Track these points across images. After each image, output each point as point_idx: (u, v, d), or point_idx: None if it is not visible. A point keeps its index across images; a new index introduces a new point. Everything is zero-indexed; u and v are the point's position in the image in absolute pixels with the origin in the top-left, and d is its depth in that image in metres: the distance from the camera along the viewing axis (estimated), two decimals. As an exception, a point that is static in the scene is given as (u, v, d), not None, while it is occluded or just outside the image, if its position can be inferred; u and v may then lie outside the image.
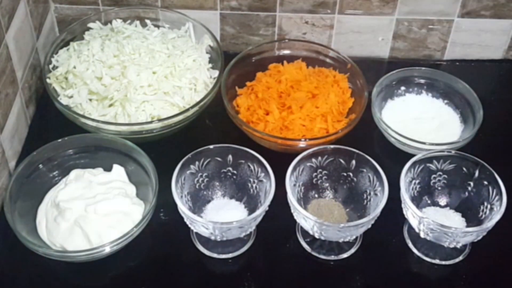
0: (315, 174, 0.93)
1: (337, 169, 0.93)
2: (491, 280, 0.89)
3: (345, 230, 0.84)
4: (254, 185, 0.91)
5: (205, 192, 0.93)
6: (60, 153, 0.95)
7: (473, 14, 1.14)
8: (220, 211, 0.91)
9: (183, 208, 0.84)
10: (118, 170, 0.94)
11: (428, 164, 0.92)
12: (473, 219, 0.90)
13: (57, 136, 0.95)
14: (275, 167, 0.88)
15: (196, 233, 0.90)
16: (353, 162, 0.91)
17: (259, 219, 0.86)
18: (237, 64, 1.07)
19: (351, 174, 0.92)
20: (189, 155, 0.90)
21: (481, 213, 0.89)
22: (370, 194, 0.90)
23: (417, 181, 0.92)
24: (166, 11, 1.13)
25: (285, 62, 1.11)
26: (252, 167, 0.90)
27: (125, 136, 0.95)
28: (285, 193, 0.86)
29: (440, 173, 0.92)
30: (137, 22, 1.11)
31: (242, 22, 1.17)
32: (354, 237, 0.87)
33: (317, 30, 1.17)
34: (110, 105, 0.99)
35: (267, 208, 0.85)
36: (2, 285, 0.87)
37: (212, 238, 0.85)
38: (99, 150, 0.96)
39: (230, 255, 0.90)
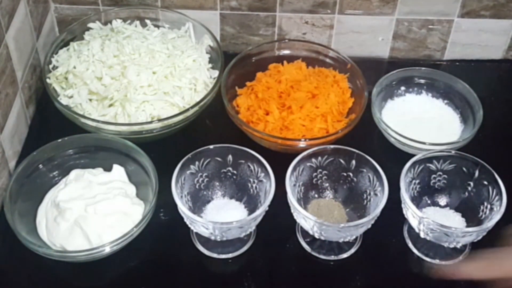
0: (315, 174, 0.93)
1: (337, 169, 0.93)
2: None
3: (345, 230, 0.84)
4: (254, 185, 0.91)
5: (205, 192, 0.93)
6: (60, 153, 0.95)
7: (473, 14, 1.14)
8: (220, 211, 0.91)
9: (183, 208, 0.84)
10: (118, 170, 0.94)
11: (428, 164, 0.91)
12: (473, 219, 0.90)
13: (57, 136, 0.95)
14: (275, 167, 0.88)
15: (196, 233, 0.90)
16: (353, 162, 0.91)
17: (259, 219, 0.86)
18: (237, 64, 1.07)
19: (351, 174, 0.92)
20: (189, 155, 0.90)
21: (481, 213, 0.89)
22: (370, 194, 0.90)
23: (417, 181, 0.92)
24: (166, 11, 1.13)
25: (285, 62, 1.11)
26: (252, 167, 0.90)
27: (125, 136, 0.95)
28: (285, 193, 0.86)
29: (440, 173, 0.92)
30: (137, 22, 1.11)
31: (242, 22, 1.17)
32: (354, 237, 0.87)
33: (317, 30, 1.17)
34: (110, 105, 0.99)
35: (267, 208, 0.85)
36: (2, 285, 0.87)
37: (212, 238, 0.85)
38: (99, 150, 0.96)
39: (230, 255, 0.90)
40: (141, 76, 1.00)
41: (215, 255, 0.90)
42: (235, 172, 0.93)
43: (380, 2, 1.13)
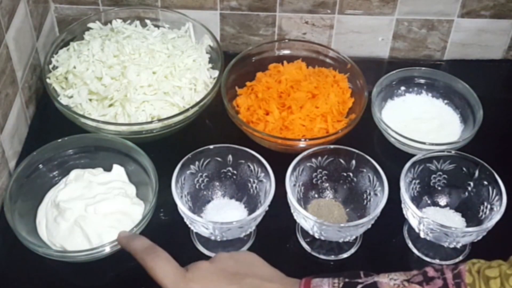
0: (315, 174, 0.93)
1: (337, 169, 0.93)
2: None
3: (345, 230, 0.84)
4: (254, 185, 0.91)
5: (205, 192, 0.93)
6: (60, 153, 0.95)
7: (473, 14, 1.14)
8: (220, 211, 0.91)
9: (183, 208, 0.84)
10: (118, 170, 0.94)
11: (428, 164, 0.91)
12: (473, 219, 0.90)
13: (57, 136, 0.95)
14: (275, 167, 0.88)
15: (196, 233, 0.90)
16: (353, 162, 0.91)
17: (259, 219, 0.86)
18: (237, 64, 1.07)
19: (351, 174, 0.92)
20: (189, 155, 0.90)
21: (481, 213, 0.89)
22: (370, 194, 0.90)
23: (417, 181, 0.92)
24: (166, 11, 1.13)
25: (285, 62, 1.11)
26: (252, 167, 0.90)
27: (125, 136, 0.95)
28: (285, 193, 0.86)
29: (440, 173, 0.92)
30: (137, 22, 1.11)
31: (242, 22, 1.17)
32: (354, 237, 0.87)
33: (317, 30, 1.17)
34: (110, 105, 0.99)
35: (267, 208, 0.85)
36: (2, 285, 0.87)
37: (212, 238, 0.85)
38: (99, 150, 0.96)
39: (230, 255, 0.90)
40: (141, 76, 1.00)
41: (215, 255, 0.90)
42: (235, 172, 0.93)
43: (380, 2, 1.13)
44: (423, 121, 1.05)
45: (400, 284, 0.66)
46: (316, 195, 0.94)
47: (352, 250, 0.91)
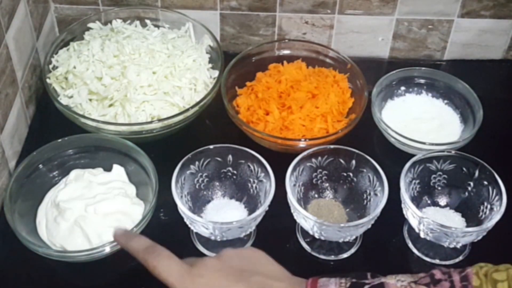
0: (315, 174, 0.93)
1: (337, 169, 0.93)
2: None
3: (345, 230, 0.84)
4: (254, 185, 0.91)
5: (205, 192, 0.93)
6: (60, 153, 0.95)
7: (473, 14, 1.14)
8: (220, 211, 0.91)
9: (183, 208, 0.84)
10: (118, 170, 0.94)
11: (428, 164, 0.91)
12: (473, 219, 0.90)
13: (57, 136, 0.95)
14: (275, 167, 0.88)
15: (196, 233, 0.90)
16: (353, 162, 0.91)
17: (259, 219, 0.86)
18: (237, 64, 1.07)
19: (351, 174, 0.92)
20: (189, 155, 0.90)
21: (481, 213, 0.89)
22: (370, 194, 0.90)
23: (417, 181, 0.92)
24: (166, 11, 1.13)
25: (285, 62, 1.11)
26: (252, 167, 0.90)
27: (125, 136, 0.95)
28: (285, 193, 0.86)
29: (440, 173, 0.92)
30: (137, 22, 1.11)
31: (242, 22, 1.17)
32: (354, 237, 0.87)
33: (317, 30, 1.17)
34: (110, 105, 0.99)
35: (267, 208, 0.85)
36: (2, 285, 0.87)
37: (212, 238, 0.85)
38: (99, 150, 0.96)
39: (230, 255, 0.90)
40: (141, 76, 1.00)
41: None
42: (235, 172, 0.93)
43: (380, 2, 1.13)
44: (423, 121, 1.05)
45: (407, 286, 0.66)
46: (316, 195, 0.94)
47: (352, 250, 0.91)
